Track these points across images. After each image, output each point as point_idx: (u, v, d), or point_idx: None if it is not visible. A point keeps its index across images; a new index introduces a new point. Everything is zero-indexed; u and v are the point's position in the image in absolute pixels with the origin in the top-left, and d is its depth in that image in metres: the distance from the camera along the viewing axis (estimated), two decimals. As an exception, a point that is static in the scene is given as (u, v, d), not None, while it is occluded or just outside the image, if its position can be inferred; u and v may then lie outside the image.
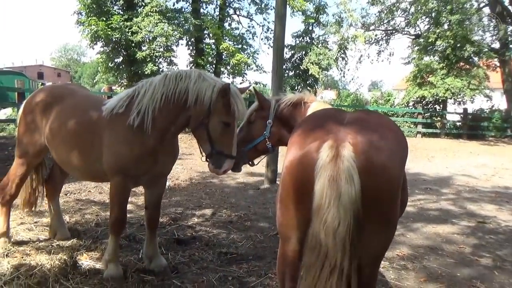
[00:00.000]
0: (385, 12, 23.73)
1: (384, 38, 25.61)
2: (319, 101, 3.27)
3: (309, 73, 22.85)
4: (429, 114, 22.25)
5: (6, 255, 3.63)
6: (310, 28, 24.21)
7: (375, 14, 24.70)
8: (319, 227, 1.70)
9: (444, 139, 20.01)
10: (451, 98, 21.49)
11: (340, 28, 23.15)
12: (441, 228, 5.40)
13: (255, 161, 3.48)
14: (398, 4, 23.35)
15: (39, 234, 4.27)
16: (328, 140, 1.78)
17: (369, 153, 1.76)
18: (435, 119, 22.35)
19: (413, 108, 22.24)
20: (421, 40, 21.87)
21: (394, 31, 25.42)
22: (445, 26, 20.43)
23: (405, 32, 25.23)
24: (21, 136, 3.83)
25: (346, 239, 1.68)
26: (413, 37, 24.35)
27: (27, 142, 3.76)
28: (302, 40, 24.63)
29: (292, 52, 24.47)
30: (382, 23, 24.91)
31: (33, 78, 33.98)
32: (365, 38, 23.45)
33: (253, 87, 5.55)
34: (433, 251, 4.52)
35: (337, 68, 24.55)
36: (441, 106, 22.43)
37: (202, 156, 3.25)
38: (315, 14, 23.41)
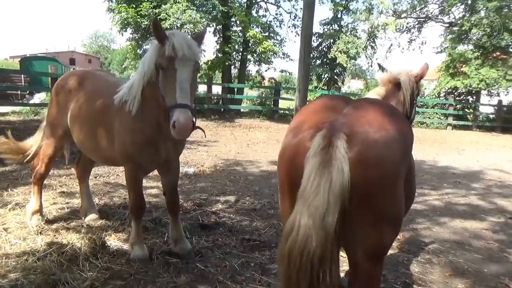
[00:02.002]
0: (419, -1, 22.90)
1: (416, 26, 24.73)
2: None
3: (337, 62, 22.47)
4: (461, 105, 21.49)
5: (40, 232, 3.81)
6: (339, 15, 23.71)
7: (407, 1, 23.89)
8: (302, 210, 1.67)
9: (476, 132, 19.32)
10: (485, 89, 20.66)
11: (370, 15, 22.54)
12: (469, 223, 5.26)
13: None
14: (432, -9, 22.49)
15: (70, 214, 4.45)
16: (323, 130, 1.76)
17: (363, 145, 1.72)
18: (467, 111, 21.58)
19: (444, 99, 21.54)
20: (455, 28, 21.03)
21: (427, 19, 24.49)
22: (482, 14, 19.53)
23: (439, 20, 24.27)
24: (49, 117, 4.02)
25: (332, 228, 1.65)
26: (447, 25, 23.42)
27: (55, 123, 3.93)
28: (330, 27, 24.19)
29: (320, 40, 24.10)
30: (414, 11, 24.05)
31: (65, 63, 35.01)
32: (396, 26, 22.75)
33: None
34: (460, 246, 4.42)
35: (366, 57, 24.01)
36: (474, 97, 21.59)
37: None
38: (344, 1, 22.87)
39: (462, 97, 22.10)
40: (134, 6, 17.65)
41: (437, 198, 6.49)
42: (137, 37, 19.52)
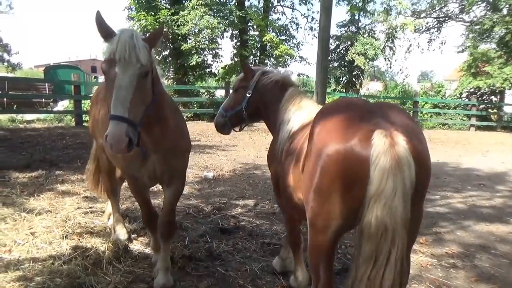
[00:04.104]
0: (438, -2, 22.50)
1: (436, 25, 24.32)
2: (295, 88, 3.25)
3: (355, 64, 22.26)
4: (484, 106, 20.94)
5: (65, 236, 3.91)
6: (356, 17, 23.52)
7: (426, 1, 23.52)
8: (382, 213, 1.71)
9: (501, 133, 18.77)
10: (510, 89, 20.07)
11: (388, 16, 22.26)
12: (495, 226, 5.12)
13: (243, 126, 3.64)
14: (452, -11, 22.07)
15: (93, 218, 4.55)
16: (378, 129, 1.79)
17: (413, 141, 1.81)
18: (491, 111, 20.99)
19: (467, 100, 21.03)
20: (477, 27, 20.55)
21: (446, 18, 24.04)
22: (504, 11, 19.03)
23: (459, 19, 23.78)
24: (90, 128, 4.15)
25: (407, 225, 1.74)
26: (468, 24, 22.92)
27: (94, 133, 4.04)
28: (348, 30, 23.99)
29: (337, 42, 23.92)
30: (434, 10, 23.67)
31: (87, 71, 35.87)
32: (415, 26, 22.40)
33: (244, 62, 5.58)
34: (485, 250, 4.30)
35: (384, 58, 23.72)
36: (498, 97, 21.00)
37: None
38: (361, 3, 22.69)
39: (485, 97, 21.53)
40: (153, 13, 17.98)
41: (460, 201, 6.34)
42: (155, 44, 19.84)
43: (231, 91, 3.62)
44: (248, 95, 3.29)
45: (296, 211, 2.74)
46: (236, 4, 20.22)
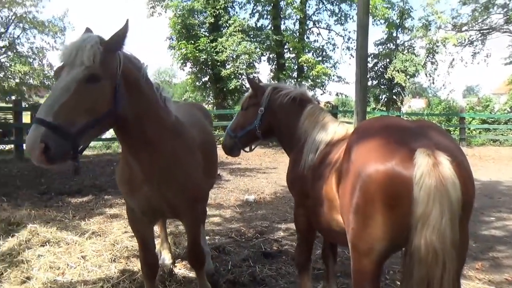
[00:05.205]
0: (480, 10, 21.78)
1: (480, 38, 23.44)
2: (314, 103, 3.14)
3: (395, 81, 21.83)
4: (538, 119, 19.64)
5: (114, 260, 4.03)
6: (394, 34, 23.21)
7: (467, 14, 22.82)
8: (431, 237, 1.66)
9: (560, 148, 17.46)
10: None
11: (428, 31, 21.80)
12: (560, 250, 4.70)
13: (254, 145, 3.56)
14: (494, 1, 21.28)
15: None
16: (421, 148, 1.74)
17: (457, 161, 1.76)
18: (547, 125, 19.64)
19: (518, 114, 19.85)
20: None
21: (490, 30, 23.14)
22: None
23: (505, 30, 22.81)
24: None
25: (456, 248, 1.67)
26: (515, 34, 21.95)
27: None
28: (386, 47, 23.70)
29: (376, 60, 23.66)
30: (476, 23, 22.88)
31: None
32: (457, 40, 21.74)
33: (247, 76, 5.45)
34: (551, 277, 3.95)
35: (426, 74, 23.09)
36: (554, 110, 19.67)
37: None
38: (399, 20, 22.41)
39: (539, 110, 20.23)
40: (192, 42, 18.72)
41: (518, 222, 5.91)
42: (195, 71, 20.57)
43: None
44: (260, 112, 3.15)
45: (328, 233, 2.66)
46: (272, 28, 20.65)
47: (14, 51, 25.73)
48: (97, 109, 2.00)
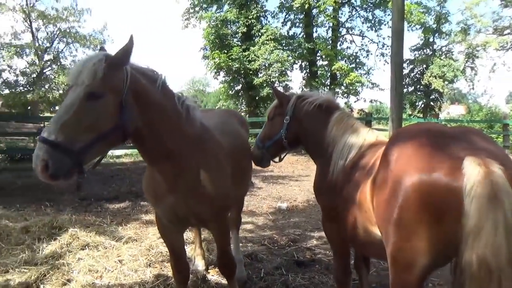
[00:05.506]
0: (524, 12, 20.81)
1: (523, 41, 22.35)
2: (342, 110, 3.03)
3: (432, 87, 21.19)
4: None
5: (149, 265, 4.12)
6: (431, 39, 22.57)
7: (510, 17, 21.85)
8: (484, 252, 1.54)
9: None
10: None
11: (467, 35, 21.05)
12: None
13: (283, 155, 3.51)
14: (540, 2, 20.29)
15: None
16: (469, 156, 1.64)
17: (509, 168, 1.64)
18: None
19: None
20: None
21: (536, 33, 22.04)
22: None
23: (551, 32, 21.66)
24: None
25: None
26: None
27: None
28: (422, 52, 23.09)
29: (411, 66, 23.09)
30: (519, 25, 21.86)
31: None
32: (498, 44, 20.84)
33: (272, 86, 5.32)
34: None
35: (465, 79, 22.26)
36: None
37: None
38: (435, 24, 21.79)
39: None
40: (225, 51, 19.05)
41: None
42: (228, 79, 20.88)
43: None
44: (286, 121, 3.11)
45: (360, 245, 2.56)
46: (304, 36, 20.66)
47: (58, 64, 27.24)
48: (100, 125, 2.01)
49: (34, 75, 26.46)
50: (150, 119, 2.24)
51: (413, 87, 23.70)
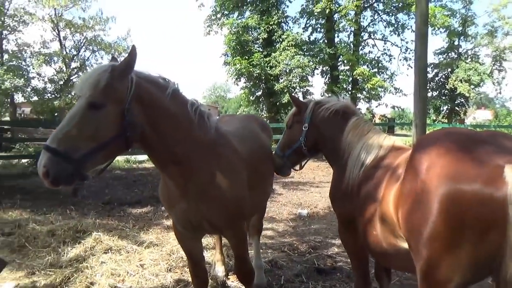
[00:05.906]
0: (555, 13, 20.07)
1: (555, 43, 21.55)
2: (359, 115, 2.97)
3: (457, 91, 20.67)
4: None
5: (170, 270, 4.16)
6: (456, 42, 22.07)
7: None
8: None
9: None
10: None
11: (494, 38, 20.48)
12: None
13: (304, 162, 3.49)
14: None
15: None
16: (510, 163, 1.55)
17: None
18: None
19: None
20: None
21: None
22: None
23: None
24: None
25: None
26: None
27: None
28: (447, 56, 22.59)
29: (436, 70, 22.61)
30: (550, 26, 21.09)
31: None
32: (528, 46, 20.18)
33: (290, 93, 5.25)
34: None
35: (493, 83, 21.61)
36: None
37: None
38: (461, 27, 21.30)
39: None
40: (246, 57, 19.18)
41: None
42: (249, 85, 20.98)
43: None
44: (304, 129, 3.09)
45: (381, 257, 2.46)
46: (326, 41, 20.57)
47: (85, 71, 28.00)
48: (101, 134, 2.04)
49: (61, 82, 27.28)
50: (158, 126, 2.26)
51: (437, 92, 23.19)
